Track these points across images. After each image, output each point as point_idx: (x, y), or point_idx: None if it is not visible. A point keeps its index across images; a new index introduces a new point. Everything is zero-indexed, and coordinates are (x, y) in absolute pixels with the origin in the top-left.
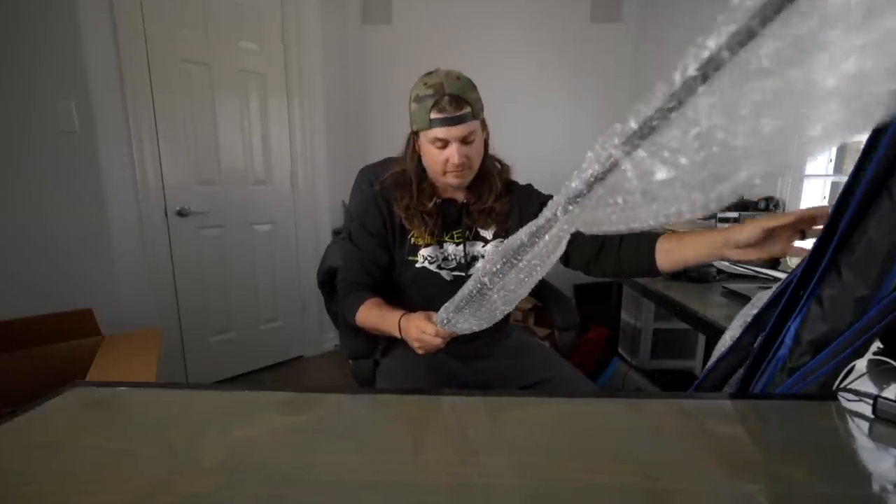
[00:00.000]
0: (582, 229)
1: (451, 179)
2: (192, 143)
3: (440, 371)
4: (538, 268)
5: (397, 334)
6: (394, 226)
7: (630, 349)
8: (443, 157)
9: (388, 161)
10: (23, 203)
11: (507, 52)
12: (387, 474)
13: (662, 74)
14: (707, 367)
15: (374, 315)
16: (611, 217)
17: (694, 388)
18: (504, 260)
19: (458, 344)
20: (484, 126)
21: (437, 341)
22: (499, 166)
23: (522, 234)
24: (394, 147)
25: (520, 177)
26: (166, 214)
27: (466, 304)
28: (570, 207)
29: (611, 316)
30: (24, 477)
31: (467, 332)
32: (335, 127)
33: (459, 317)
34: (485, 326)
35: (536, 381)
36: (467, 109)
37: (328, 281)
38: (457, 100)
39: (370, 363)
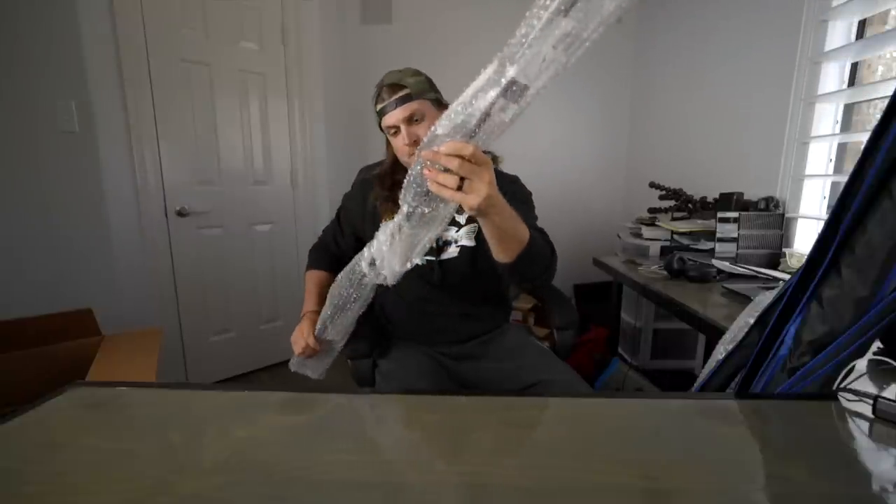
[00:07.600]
0: None
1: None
2: (192, 143)
3: (437, 371)
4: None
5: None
6: (364, 213)
7: (630, 349)
8: (400, 143)
9: None
10: (23, 203)
11: None
12: (386, 474)
13: (662, 74)
14: (712, 366)
15: (307, 288)
16: None
17: (700, 387)
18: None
19: (454, 343)
20: (440, 107)
21: (303, 344)
22: None
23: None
24: None
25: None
26: (166, 214)
27: (336, 314)
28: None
29: (611, 316)
30: (24, 477)
31: (338, 342)
32: (335, 127)
33: (331, 327)
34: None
35: (533, 382)
36: (404, 91)
37: None
38: (392, 87)
39: (369, 363)
